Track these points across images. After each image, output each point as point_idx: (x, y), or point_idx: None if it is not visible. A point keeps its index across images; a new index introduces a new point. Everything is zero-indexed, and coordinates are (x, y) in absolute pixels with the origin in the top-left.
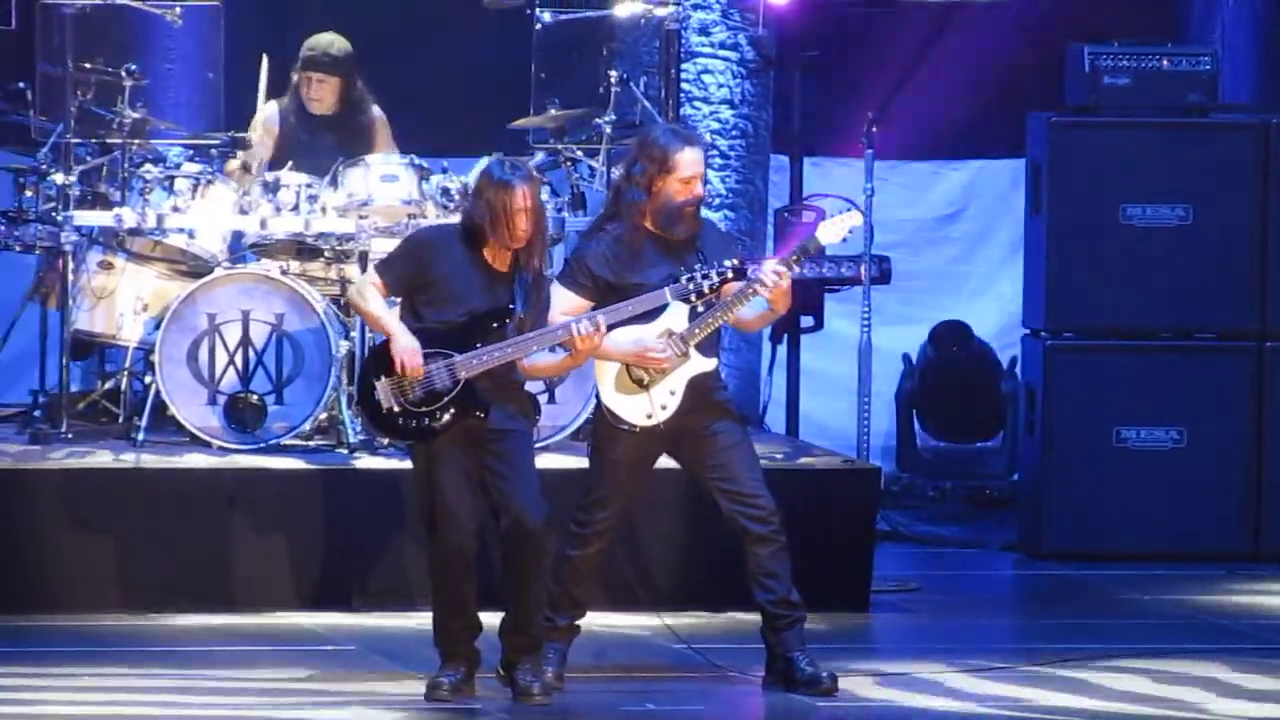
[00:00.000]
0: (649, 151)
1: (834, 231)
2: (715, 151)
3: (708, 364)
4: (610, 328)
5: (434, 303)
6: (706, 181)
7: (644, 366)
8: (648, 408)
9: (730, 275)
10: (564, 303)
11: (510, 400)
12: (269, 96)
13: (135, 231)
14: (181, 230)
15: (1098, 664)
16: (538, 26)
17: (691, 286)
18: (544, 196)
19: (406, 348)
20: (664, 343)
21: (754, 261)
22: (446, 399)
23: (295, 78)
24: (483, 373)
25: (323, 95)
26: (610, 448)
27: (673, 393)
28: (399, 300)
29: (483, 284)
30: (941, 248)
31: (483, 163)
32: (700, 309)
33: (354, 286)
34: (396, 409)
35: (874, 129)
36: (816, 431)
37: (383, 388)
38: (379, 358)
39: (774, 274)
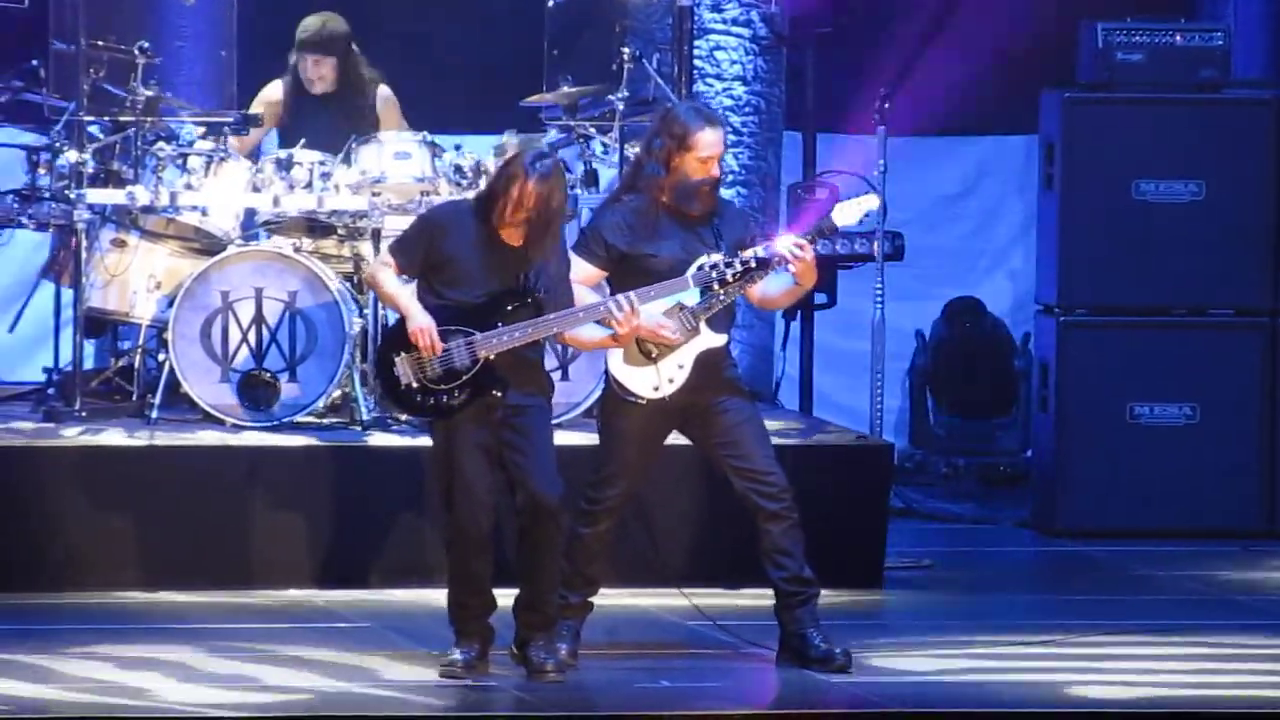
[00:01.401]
0: (670, 127)
1: (850, 213)
2: (728, 128)
3: (717, 339)
4: None
5: (450, 282)
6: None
7: (652, 341)
8: (655, 380)
9: (754, 266)
10: (577, 272)
11: (529, 377)
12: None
13: (148, 209)
14: (194, 208)
15: (1111, 640)
16: (550, 3)
17: (714, 275)
18: (562, 190)
19: (421, 325)
20: (674, 318)
21: (768, 238)
22: (465, 377)
23: (293, 59)
24: (502, 351)
25: (323, 74)
26: (618, 420)
27: (681, 366)
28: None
29: (498, 262)
30: (955, 224)
31: (511, 140)
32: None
33: (369, 267)
34: (415, 385)
35: (887, 105)
36: (830, 408)
37: (402, 363)
38: (399, 333)
39: (795, 247)
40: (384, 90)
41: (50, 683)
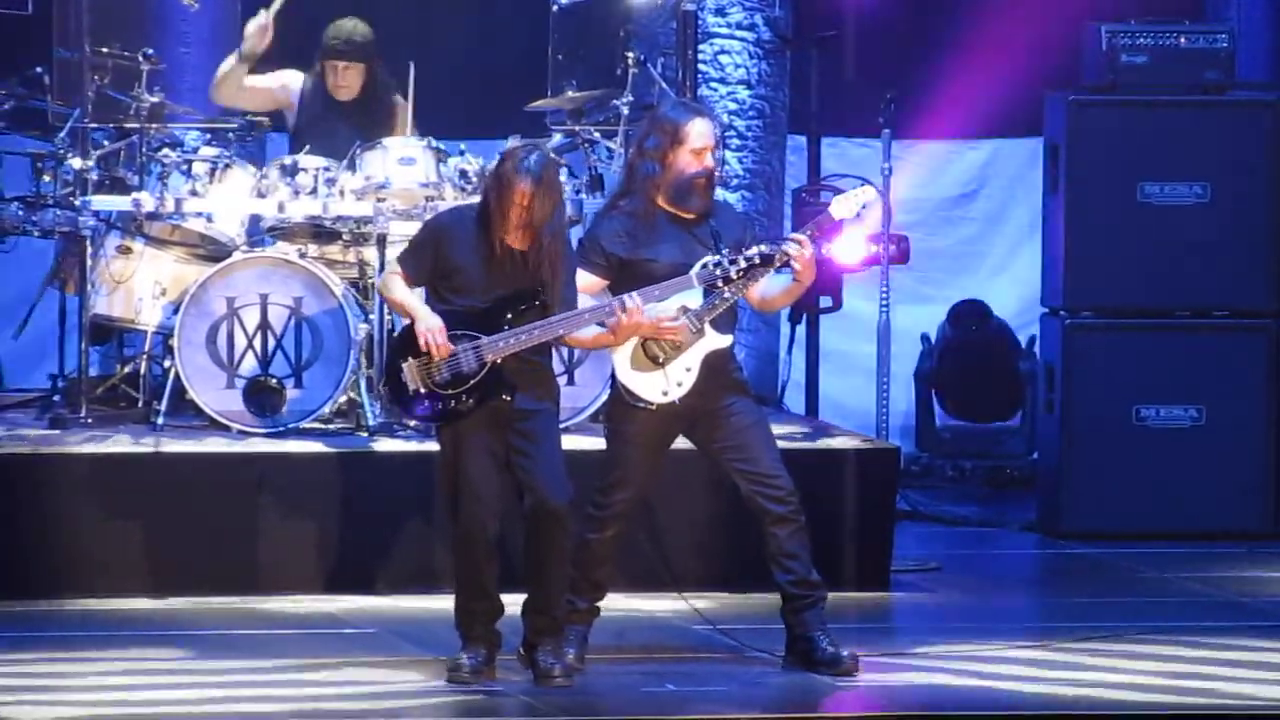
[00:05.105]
0: (660, 125)
1: (847, 206)
2: (732, 132)
3: (723, 340)
4: None
5: (458, 289)
6: (723, 160)
7: (659, 341)
8: (663, 384)
9: (758, 263)
10: (579, 281)
11: (536, 381)
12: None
13: (153, 216)
14: (199, 214)
15: (1118, 643)
16: (555, 8)
17: (719, 273)
18: (562, 177)
19: (430, 326)
20: (679, 316)
21: (773, 243)
22: (472, 381)
23: (319, 65)
24: (509, 355)
25: (350, 81)
26: (626, 427)
27: (688, 369)
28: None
29: (505, 267)
30: (960, 227)
31: (515, 145)
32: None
33: (380, 279)
34: (423, 390)
35: (891, 108)
36: (836, 411)
37: (409, 369)
38: (406, 339)
39: (795, 243)
40: (398, 98)
41: (57, 690)
